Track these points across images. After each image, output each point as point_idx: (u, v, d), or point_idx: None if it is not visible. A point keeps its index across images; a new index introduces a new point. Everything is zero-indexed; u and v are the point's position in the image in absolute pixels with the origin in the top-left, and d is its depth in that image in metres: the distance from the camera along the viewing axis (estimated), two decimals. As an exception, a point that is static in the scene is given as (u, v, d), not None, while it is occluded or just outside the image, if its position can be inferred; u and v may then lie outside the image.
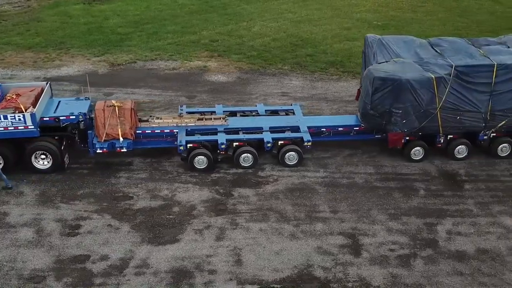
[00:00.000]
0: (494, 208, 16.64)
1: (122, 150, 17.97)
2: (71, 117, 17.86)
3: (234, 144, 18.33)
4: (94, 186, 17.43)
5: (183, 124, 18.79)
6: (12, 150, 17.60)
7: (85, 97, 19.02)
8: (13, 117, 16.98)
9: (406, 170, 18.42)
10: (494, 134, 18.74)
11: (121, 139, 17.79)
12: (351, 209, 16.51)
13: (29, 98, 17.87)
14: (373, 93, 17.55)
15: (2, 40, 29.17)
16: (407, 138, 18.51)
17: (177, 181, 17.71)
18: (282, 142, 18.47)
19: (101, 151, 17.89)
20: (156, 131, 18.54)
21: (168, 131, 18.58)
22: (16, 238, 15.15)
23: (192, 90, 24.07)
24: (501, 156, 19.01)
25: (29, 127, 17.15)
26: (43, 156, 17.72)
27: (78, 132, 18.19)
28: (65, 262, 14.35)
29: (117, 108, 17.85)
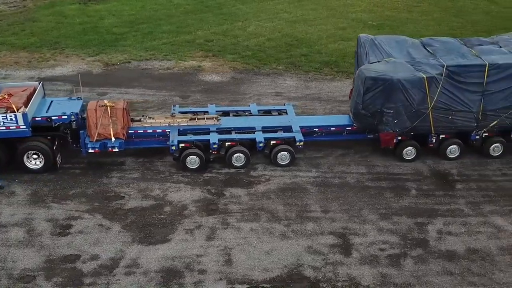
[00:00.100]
0: (485, 208, 16.65)
1: (114, 150, 17.97)
2: (63, 117, 17.86)
3: (227, 144, 18.33)
4: (86, 186, 17.44)
5: (175, 124, 18.79)
6: (4, 150, 17.62)
7: (77, 97, 19.02)
8: (5, 117, 17.00)
9: (398, 170, 18.43)
10: (486, 134, 18.75)
11: (113, 139, 17.80)
12: (342, 208, 16.52)
13: (21, 98, 17.86)
14: (365, 93, 17.56)
15: (-3, 40, 29.24)
16: (399, 138, 18.52)
17: (169, 181, 17.72)
18: (274, 142, 18.48)
19: (93, 151, 17.89)
20: (148, 131, 18.55)
21: (160, 131, 18.59)
22: (7, 238, 15.16)
23: (186, 90, 24.07)
24: (493, 156, 19.01)
25: (21, 127, 17.18)
26: (35, 156, 17.75)
27: (70, 132, 18.17)
28: (55, 262, 14.36)
29: (109, 108, 17.87)
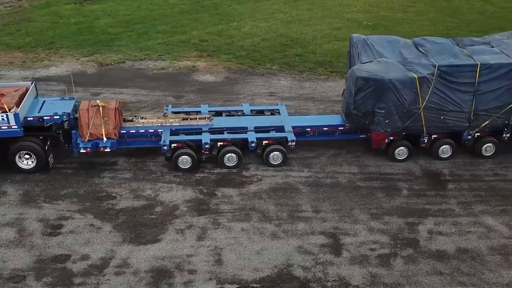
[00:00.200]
0: (477, 208, 16.67)
1: (105, 150, 17.97)
2: (55, 117, 17.86)
3: (219, 144, 18.34)
4: (77, 186, 17.45)
5: (167, 124, 18.79)
6: (-4, 150, 17.64)
7: (70, 97, 19.03)
8: (-4, 117, 17.04)
9: (390, 169, 18.45)
10: (478, 134, 18.77)
11: (105, 139, 17.81)
12: (333, 208, 16.54)
13: (13, 98, 17.84)
14: (356, 93, 17.57)
15: (-8, 40, 29.24)
16: (391, 138, 18.53)
17: (161, 181, 17.73)
18: (266, 142, 18.49)
19: (84, 151, 17.89)
20: (140, 131, 18.55)
21: (153, 131, 18.59)
22: (-2, 238, 15.21)
23: (179, 90, 24.08)
24: (485, 156, 19.02)
25: (13, 127, 17.18)
26: (27, 156, 17.75)
27: (62, 132, 18.17)
28: (45, 262, 14.37)
29: (101, 108, 17.87)
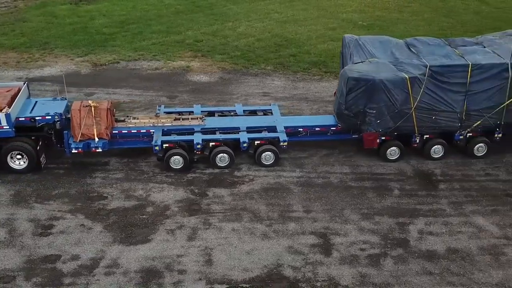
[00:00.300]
0: (467, 208, 16.68)
1: (97, 150, 17.99)
2: (46, 117, 17.87)
3: (211, 144, 18.36)
4: (69, 186, 17.46)
5: (159, 124, 18.81)
6: (-13, 150, 17.65)
7: (62, 97, 19.04)
8: (-12, 118, 17.05)
9: (381, 170, 18.46)
10: (470, 134, 18.78)
11: (96, 139, 17.82)
12: (324, 208, 16.55)
13: (5, 98, 17.85)
14: (347, 93, 17.59)
15: (-14, 41, 29.23)
16: (383, 138, 18.55)
17: (153, 181, 17.74)
18: (258, 142, 18.51)
19: (76, 151, 17.91)
20: (132, 131, 18.56)
21: (145, 131, 18.60)
22: (-12, 238, 15.22)
23: (173, 90, 24.09)
24: (477, 156, 19.03)
25: (4, 127, 17.20)
26: (19, 156, 17.77)
27: (54, 132, 18.20)
28: (35, 262, 14.38)
29: (93, 108, 17.88)
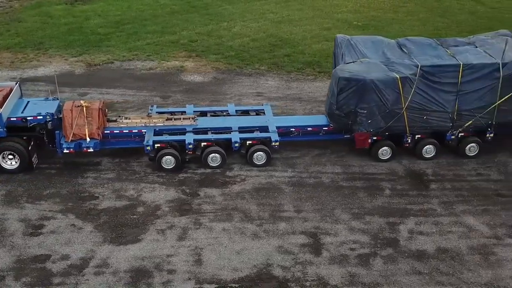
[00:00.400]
0: (458, 208, 16.70)
1: (89, 150, 17.99)
2: (38, 117, 17.85)
3: (202, 144, 18.37)
4: (60, 186, 17.47)
5: (151, 124, 18.82)
6: (-21, 151, 17.65)
7: (54, 97, 19.04)
8: (-21, 117, 17.06)
9: (373, 169, 18.48)
10: (462, 134, 18.80)
11: (88, 139, 17.82)
12: (315, 208, 16.57)
13: (-4, 99, 17.91)
14: (338, 93, 17.61)
15: (-19, 41, 29.22)
16: (374, 138, 18.57)
17: (144, 181, 17.75)
18: (250, 142, 18.52)
19: (68, 151, 17.91)
20: (124, 131, 18.57)
21: (136, 131, 18.61)
22: (-22, 238, 15.22)
23: (167, 90, 24.10)
24: (469, 156, 19.05)
25: (-4, 127, 17.26)
26: (10, 156, 17.77)
27: (46, 132, 18.19)
28: (25, 262, 14.39)
29: (84, 108, 17.89)
